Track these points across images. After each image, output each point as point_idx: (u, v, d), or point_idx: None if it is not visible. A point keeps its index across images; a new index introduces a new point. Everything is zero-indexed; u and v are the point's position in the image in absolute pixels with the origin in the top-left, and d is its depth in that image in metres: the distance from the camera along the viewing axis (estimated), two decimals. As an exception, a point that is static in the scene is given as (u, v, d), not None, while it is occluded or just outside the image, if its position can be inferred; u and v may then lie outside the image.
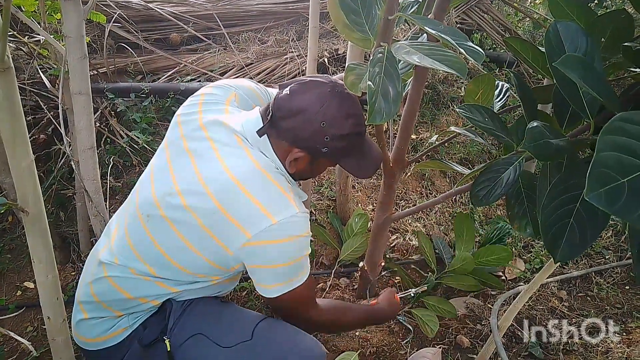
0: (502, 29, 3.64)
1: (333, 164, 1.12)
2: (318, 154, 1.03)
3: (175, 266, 1.03)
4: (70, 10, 1.28)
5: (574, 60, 0.71)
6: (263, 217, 0.94)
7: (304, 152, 1.02)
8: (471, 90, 1.29)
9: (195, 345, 1.06)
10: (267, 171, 1.00)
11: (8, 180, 1.75)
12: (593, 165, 0.54)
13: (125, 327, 1.08)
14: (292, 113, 0.99)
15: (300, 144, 1.01)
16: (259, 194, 0.96)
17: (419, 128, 3.02)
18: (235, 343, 1.06)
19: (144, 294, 1.06)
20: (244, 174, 0.98)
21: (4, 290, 1.84)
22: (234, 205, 0.96)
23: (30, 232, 0.80)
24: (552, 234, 0.81)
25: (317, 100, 0.98)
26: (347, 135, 1.01)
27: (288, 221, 0.96)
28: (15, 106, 0.71)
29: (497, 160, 1.09)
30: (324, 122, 0.97)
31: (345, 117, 1.00)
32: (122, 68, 2.61)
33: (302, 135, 1.00)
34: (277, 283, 1.01)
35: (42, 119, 2.18)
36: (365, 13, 0.98)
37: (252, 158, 1.00)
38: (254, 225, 0.95)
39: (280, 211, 0.96)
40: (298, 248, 1.00)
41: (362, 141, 1.09)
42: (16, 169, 0.76)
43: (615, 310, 2.02)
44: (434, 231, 2.42)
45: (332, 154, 1.04)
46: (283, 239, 0.96)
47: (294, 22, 3.28)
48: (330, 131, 0.99)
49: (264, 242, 0.95)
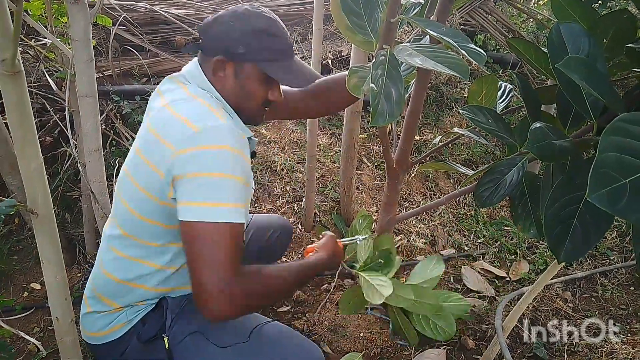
0: (505, 30, 3.64)
1: (259, 74, 1.05)
2: (236, 56, 1.02)
3: (132, 213, 1.03)
4: (77, 14, 1.29)
5: (576, 61, 0.71)
6: (186, 128, 0.93)
7: (222, 57, 1.02)
8: (474, 91, 1.29)
9: (193, 344, 1.07)
10: (198, 96, 1.02)
11: (15, 182, 1.76)
12: (595, 166, 0.54)
13: (125, 322, 1.10)
14: (209, 25, 1.03)
15: (219, 49, 1.02)
16: (186, 111, 0.97)
17: (423, 129, 3.03)
18: (232, 343, 1.06)
19: (129, 277, 1.07)
20: (176, 101, 1.00)
21: (11, 291, 1.86)
22: (163, 126, 0.97)
23: (39, 233, 0.81)
24: (555, 235, 0.81)
25: (232, 9, 1.03)
26: (259, 32, 1.00)
27: (211, 129, 0.92)
28: (25, 109, 0.73)
29: (501, 161, 1.10)
30: (233, 21, 1.00)
31: (257, 16, 1.01)
32: (128, 71, 2.63)
33: (218, 38, 1.02)
34: (193, 201, 0.90)
35: (48, 122, 2.20)
36: (367, 16, 0.99)
37: (187, 91, 1.03)
38: (177, 137, 0.93)
39: (203, 120, 0.93)
40: (220, 161, 0.92)
41: (285, 51, 1.06)
42: (26, 171, 0.78)
43: (620, 311, 2.02)
44: (438, 232, 2.42)
45: (249, 54, 1.01)
46: (204, 145, 0.91)
47: (298, 24, 3.29)
48: (241, 27, 1.00)
49: (185, 150, 0.91)
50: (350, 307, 1.53)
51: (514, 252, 2.36)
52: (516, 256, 2.34)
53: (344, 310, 1.53)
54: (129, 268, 1.08)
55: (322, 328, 1.78)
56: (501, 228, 2.53)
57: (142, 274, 1.08)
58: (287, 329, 1.16)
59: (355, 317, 1.84)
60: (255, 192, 2.40)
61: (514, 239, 2.45)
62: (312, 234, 2.28)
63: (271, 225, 1.59)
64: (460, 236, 2.45)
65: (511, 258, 2.33)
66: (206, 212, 0.90)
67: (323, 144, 2.76)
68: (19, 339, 1.64)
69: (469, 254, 2.32)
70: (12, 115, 0.72)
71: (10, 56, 0.66)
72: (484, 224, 2.56)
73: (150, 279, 1.09)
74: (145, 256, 1.07)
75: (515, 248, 2.37)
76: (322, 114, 1.45)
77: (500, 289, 2.12)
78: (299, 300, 1.94)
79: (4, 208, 0.72)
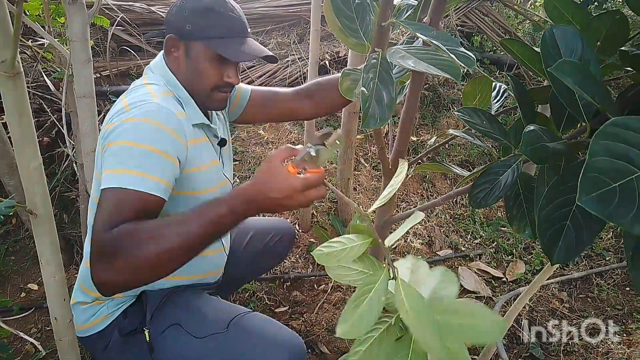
0: (502, 31, 3.66)
1: (209, 52, 1.02)
2: (183, 33, 1.02)
3: (94, 200, 1.04)
4: (74, 15, 1.29)
5: (568, 65, 0.72)
6: (121, 107, 0.95)
7: (172, 35, 1.03)
8: (468, 92, 1.30)
9: (172, 336, 1.08)
10: (149, 82, 1.03)
11: (12, 183, 1.77)
12: (585, 170, 0.55)
13: (106, 315, 1.11)
14: (169, 10, 1.06)
15: (170, 29, 1.04)
16: (130, 96, 0.99)
17: (420, 130, 3.04)
18: (209, 334, 1.07)
19: None
20: (129, 92, 1.03)
21: (8, 291, 1.86)
22: (111, 111, 0.99)
23: (38, 234, 0.82)
24: (549, 236, 0.82)
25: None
26: (206, 10, 1.01)
27: (138, 105, 0.94)
28: (24, 109, 0.73)
29: (496, 163, 1.10)
30: (185, 1, 1.02)
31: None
32: (125, 71, 2.64)
33: (169, 19, 1.04)
34: (106, 169, 0.86)
35: (45, 122, 2.20)
36: (359, 19, 0.99)
37: (144, 81, 1.05)
38: (112, 116, 0.95)
39: (137, 100, 0.95)
40: (137, 131, 0.89)
41: (234, 28, 1.04)
42: (25, 171, 0.78)
43: (615, 311, 2.03)
44: (434, 233, 2.43)
45: (197, 32, 1.01)
46: (127, 118, 0.91)
47: (295, 25, 3.30)
48: (189, 6, 1.01)
49: (113, 124, 0.92)
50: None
51: (510, 253, 2.37)
52: (513, 257, 2.35)
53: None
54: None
55: (319, 328, 1.79)
56: (498, 229, 2.54)
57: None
58: (266, 319, 1.15)
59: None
60: (253, 192, 2.40)
61: (510, 240, 2.46)
62: (309, 234, 2.29)
63: (273, 229, 1.57)
64: (457, 237, 2.46)
65: (508, 259, 2.34)
66: (109, 179, 0.84)
67: (320, 144, 2.77)
68: (16, 340, 1.64)
69: (466, 255, 2.33)
70: (11, 116, 0.72)
71: (10, 57, 0.67)
72: (481, 224, 2.57)
73: None
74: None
75: (512, 249, 2.38)
76: (317, 114, 1.44)
77: (496, 289, 2.13)
78: (297, 301, 1.95)
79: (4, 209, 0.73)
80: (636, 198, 0.55)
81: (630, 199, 0.55)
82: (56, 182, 2.06)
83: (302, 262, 2.16)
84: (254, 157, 2.55)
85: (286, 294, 2.00)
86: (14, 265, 1.94)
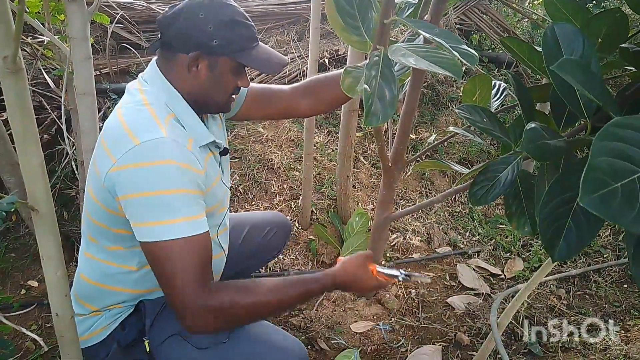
0: (501, 29, 3.66)
1: (234, 64, 1.03)
2: (211, 49, 0.98)
3: (90, 219, 1.05)
4: (75, 12, 1.29)
5: (570, 64, 0.72)
6: (128, 140, 0.90)
7: (197, 52, 0.98)
8: (468, 90, 1.31)
9: (173, 346, 1.06)
10: (150, 102, 0.98)
11: (13, 180, 1.77)
12: (587, 170, 0.55)
13: (104, 327, 1.10)
14: (173, 19, 0.97)
15: (191, 45, 0.97)
16: (131, 118, 0.95)
17: (419, 128, 3.04)
18: (211, 344, 1.05)
19: (103, 279, 1.08)
20: (127, 106, 0.99)
21: (9, 288, 1.86)
22: (107, 131, 0.97)
23: (39, 230, 0.82)
24: (550, 234, 0.82)
25: (193, 0, 0.98)
26: (230, 23, 0.98)
27: (153, 144, 0.90)
28: (26, 106, 0.73)
29: (495, 160, 1.11)
30: (202, 13, 0.95)
31: (221, 5, 0.98)
32: (125, 68, 2.63)
33: (188, 34, 0.96)
34: (147, 221, 0.90)
35: (45, 119, 2.20)
36: (361, 17, 0.99)
37: (142, 96, 1.00)
38: (119, 148, 0.91)
39: (145, 133, 0.91)
40: (165, 177, 0.90)
41: (254, 37, 1.04)
42: (27, 168, 0.78)
43: (613, 308, 2.05)
44: (433, 230, 2.44)
45: (225, 47, 0.98)
46: (147, 162, 0.89)
47: (295, 22, 3.30)
48: (212, 19, 0.96)
49: (127, 165, 0.90)
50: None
51: (508, 250, 2.38)
52: (511, 254, 2.36)
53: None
54: (103, 270, 1.07)
55: (319, 325, 1.80)
56: (496, 226, 2.55)
57: (116, 276, 1.07)
58: (271, 328, 1.14)
59: (352, 315, 1.86)
60: (252, 190, 2.41)
61: (508, 237, 2.47)
62: (309, 231, 2.29)
63: (269, 223, 1.57)
64: (455, 234, 2.47)
65: (506, 256, 2.35)
66: (162, 230, 0.89)
67: (320, 142, 2.78)
68: (16, 336, 1.64)
69: (464, 252, 2.34)
70: (13, 112, 0.72)
71: (11, 54, 0.67)
72: (479, 222, 2.58)
73: (124, 280, 1.08)
74: (115, 259, 1.06)
75: (510, 246, 2.39)
76: (316, 112, 1.44)
77: (495, 286, 2.14)
78: (296, 298, 1.96)
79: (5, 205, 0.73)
80: (638, 197, 0.56)
81: (632, 198, 0.56)
82: (56, 180, 2.05)
83: (301, 259, 2.17)
84: (254, 155, 2.55)
85: (286, 291, 2.01)
86: (14, 262, 1.94)
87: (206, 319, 0.92)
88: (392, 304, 1.92)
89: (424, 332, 1.84)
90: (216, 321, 0.93)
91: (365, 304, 1.92)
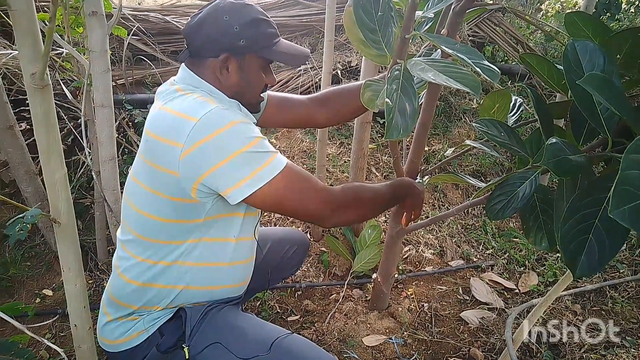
0: (514, 41, 3.66)
1: (259, 62, 1.09)
2: (239, 49, 1.03)
3: (145, 216, 1.05)
4: (95, 26, 1.32)
5: (597, 79, 0.72)
6: (185, 122, 0.94)
7: (226, 54, 1.03)
8: (487, 106, 1.31)
9: (213, 355, 1.07)
10: (191, 92, 1.03)
11: (30, 190, 1.79)
12: (617, 183, 0.55)
13: (142, 331, 1.10)
14: (198, 27, 1.03)
15: (220, 47, 1.03)
16: (180, 106, 0.98)
17: (431, 140, 3.04)
18: (252, 355, 1.05)
19: (147, 279, 1.08)
20: (169, 101, 1.02)
21: (24, 297, 1.87)
22: (160, 126, 0.99)
23: (61, 242, 0.83)
24: (571, 250, 0.82)
25: (214, 6, 1.03)
26: (254, 21, 1.03)
27: (210, 115, 0.94)
28: (51, 120, 0.75)
29: (513, 175, 1.10)
30: (226, 16, 1.01)
31: (243, 6, 1.03)
32: (140, 80, 2.67)
33: (216, 38, 1.02)
34: (243, 178, 0.95)
35: (62, 130, 2.23)
36: (381, 31, 1.00)
37: (179, 90, 1.04)
38: (180, 133, 0.94)
39: (199, 110, 0.95)
40: (235, 137, 0.95)
41: (276, 32, 1.09)
42: (50, 181, 0.79)
43: (630, 325, 2.01)
44: (446, 243, 2.42)
45: (252, 45, 1.04)
46: (214, 132, 0.93)
47: (308, 34, 3.33)
48: (236, 20, 1.01)
49: (196, 144, 0.93)
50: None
51: (522, 264, 2.35)
52: (525, 268, 2.33)
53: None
54: (148, 270, 1.08)
55: (330, 337, 1.79)
56: (510, 239, 2.53)
57: (160, 273, 1.08)
58: (307, 343, 1.15)
59: (364, 328, 1.85)
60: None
61: (522, 251, 2.44)
62: (320, 243, 2.29)
63: (289, 240, 1.57)
64: (468, 247, 2.45)
65: (520, 270, 2.32)
66: (267, 171, 0.96)
67: (332, 153, 2.78)
68: (30, 345, 1.65)
69: (478, 265, 2.32)
70: (39, 126, 0.74)
71: (39, 70, 0.68)
72: (493, 235, 2.56)
73: (166, 276, 1.09)
74: (162, 255, 1.08)
75: (524, 260, 2.37)
76: (332, 122, 1.45)
77: (509, 300, 2.12)
78: (308, 310, 1.95)
79: (30, 218, 0.74)
80: (667, 210, 0.55)
81: (662, 212, 0.55)
82: (72, 189, 2.08)
83: (313, 272, 2.16)
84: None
85: (297, 303, 2.00)
86: (29, 271, 1.96)
87: (344, 211, 1.08)
88: (405, 318, 1.90)
89: (437, 346, 1.82)
90: (348, 212, 1.09)
91: (378, 317, 1.90)
